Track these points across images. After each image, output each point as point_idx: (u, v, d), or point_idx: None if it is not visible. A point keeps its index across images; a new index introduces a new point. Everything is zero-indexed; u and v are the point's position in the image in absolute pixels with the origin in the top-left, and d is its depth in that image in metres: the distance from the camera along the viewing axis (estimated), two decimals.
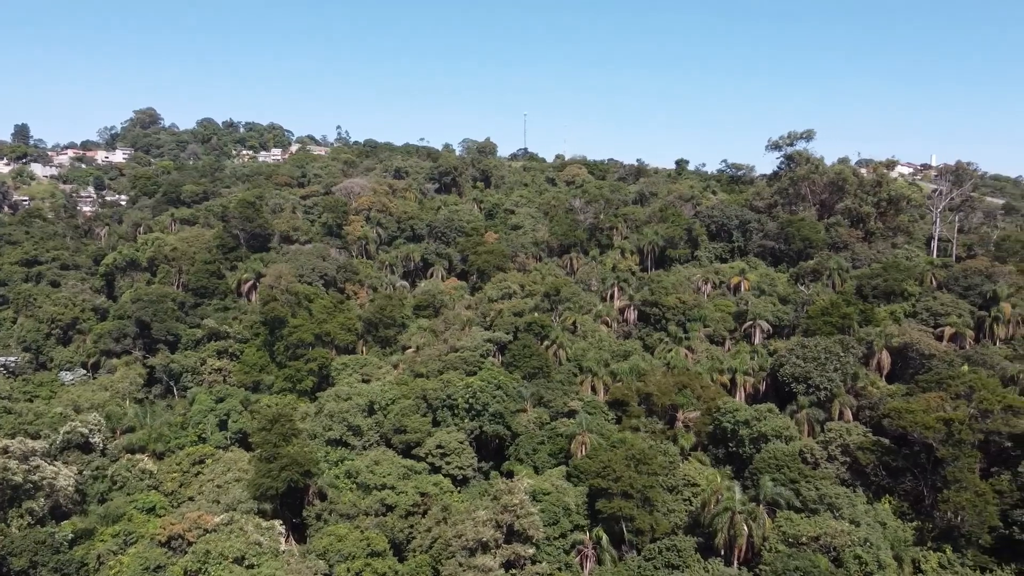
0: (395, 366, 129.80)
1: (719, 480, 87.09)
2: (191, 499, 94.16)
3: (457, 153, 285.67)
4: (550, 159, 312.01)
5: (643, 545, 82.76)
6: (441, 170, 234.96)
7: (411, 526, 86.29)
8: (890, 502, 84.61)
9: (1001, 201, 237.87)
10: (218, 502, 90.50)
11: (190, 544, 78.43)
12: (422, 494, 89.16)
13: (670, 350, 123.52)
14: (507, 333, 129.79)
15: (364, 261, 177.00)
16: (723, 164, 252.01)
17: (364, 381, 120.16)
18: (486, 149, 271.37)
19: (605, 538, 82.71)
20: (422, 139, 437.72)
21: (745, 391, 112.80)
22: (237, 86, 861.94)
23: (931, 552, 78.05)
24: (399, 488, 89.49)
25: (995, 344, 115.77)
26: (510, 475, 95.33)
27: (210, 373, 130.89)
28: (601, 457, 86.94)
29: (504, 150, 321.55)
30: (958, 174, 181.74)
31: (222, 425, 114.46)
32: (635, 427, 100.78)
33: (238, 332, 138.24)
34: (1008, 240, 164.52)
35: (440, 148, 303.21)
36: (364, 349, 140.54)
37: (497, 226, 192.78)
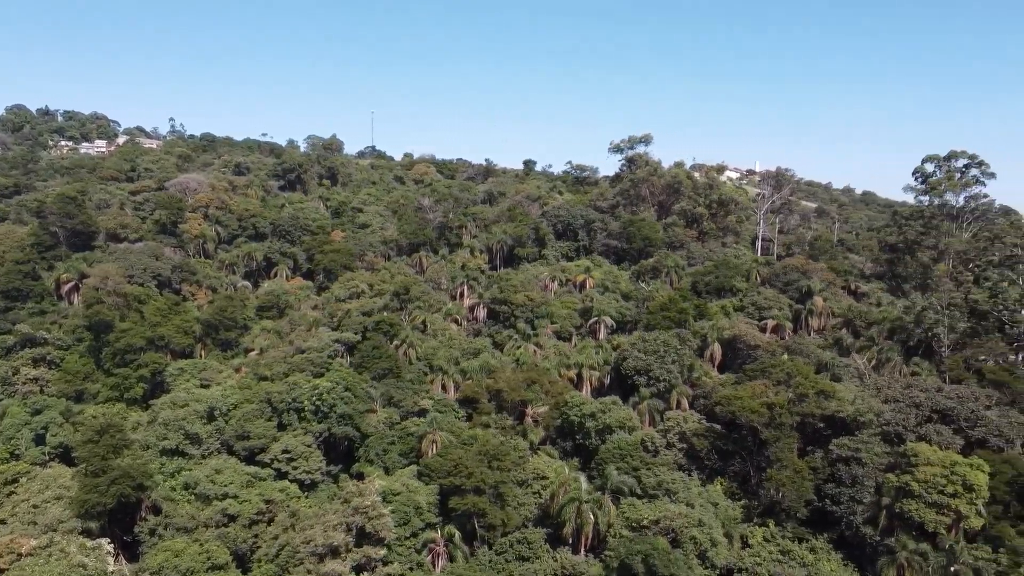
0: (237, 370, 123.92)
1: (567, 472, 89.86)
2: (2, 523, 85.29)
3: (302, 150, 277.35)
4: (398, 157, 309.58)
5: (494, 540, 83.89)
6: (285, 167, 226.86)
7: (256, 535, 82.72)
8: (721, 483, 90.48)
9: (814, 205, 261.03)
10: (35, 523, 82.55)
11: (2, 572, 71.15)
12: (267, 501, 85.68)
13: (519, 347, 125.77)
14: (355, 333, 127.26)
15: (203, 261, 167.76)
16: (569, 165, 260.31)
17: (203, 386, 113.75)
18: (332, 146, 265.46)
19: (457, 535, 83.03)
20: (265, 134, 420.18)
21: (591, 385, 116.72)
22: (55, 72, 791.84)
23: (757, 527, 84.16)
24: (242, 496, 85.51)
25: (810, 334, 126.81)
26: (360, 477, 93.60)
27: (24, 383, 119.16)
28: (452, 455, 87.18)
29: (351, 148, 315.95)
30: (778, 179, 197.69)
31: (39, 440, 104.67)
32: (486, 424, 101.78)
33: (58, 338, 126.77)
34: (820, 240, 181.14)
35: (284, 144, 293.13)
36: (203, 353, 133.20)
37: (344, 225, 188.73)
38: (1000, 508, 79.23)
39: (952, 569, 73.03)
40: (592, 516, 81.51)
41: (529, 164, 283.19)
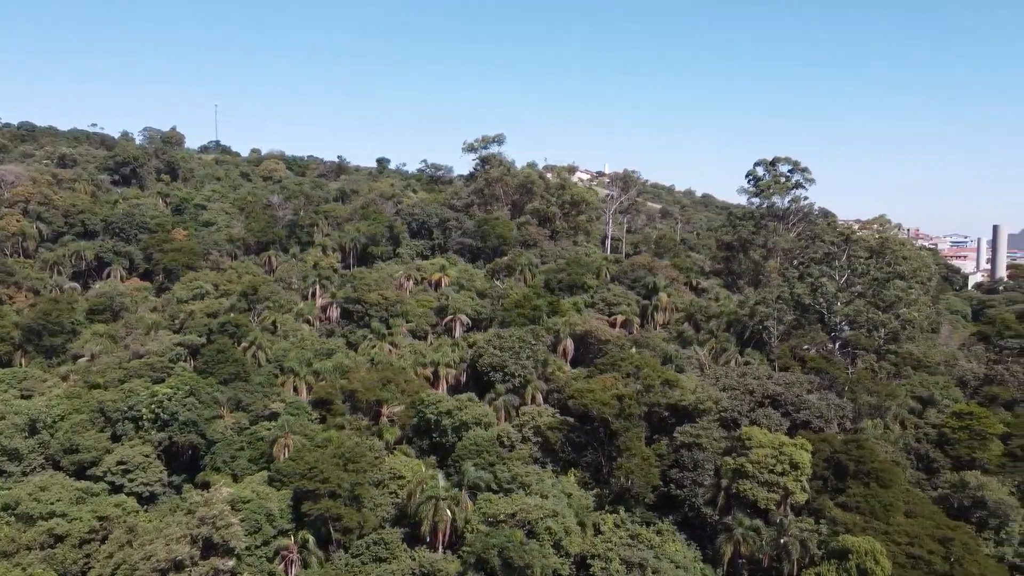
0: (64, 378, 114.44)
1: (424, 470, 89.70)
2: None
3: (138, 143, 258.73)
4: (245, 153, 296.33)
5: (351, 543, 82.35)
6: (119, 160, 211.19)
7: (88, 555, 76.77)
8: (575, 474, 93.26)
9: (659, 206, 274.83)
10: None
11: None
12: (101, 518, 79.67)
13: (374, 346, 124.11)
14: (200, 336, 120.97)
15: (22, 260, 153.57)
16: (423, 164, 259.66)
17: (24, 397, 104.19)
18: (172, 140, 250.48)
19: (311, 540, 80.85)
20: (94, 125, 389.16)
21: (447, 383, 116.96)
22: None
23: (608, 515, 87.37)
24: (72, 514, 79.07)
25: (655, 328, 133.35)
26: (206, 486, 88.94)
27: None
28: (306, 458, 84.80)
29: (193, 142, 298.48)
30: (626, 181, 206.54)
31: None
32: (340, 425, 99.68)
33: None
34: (664, 239, 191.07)
35: (117, 136, 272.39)
36: (24, 361, 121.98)
37: (187, 222, 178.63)
38: (820, 483, 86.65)
39: (782, 541, 79.11)
40: (449, 513, 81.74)
41: (383, 162, 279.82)
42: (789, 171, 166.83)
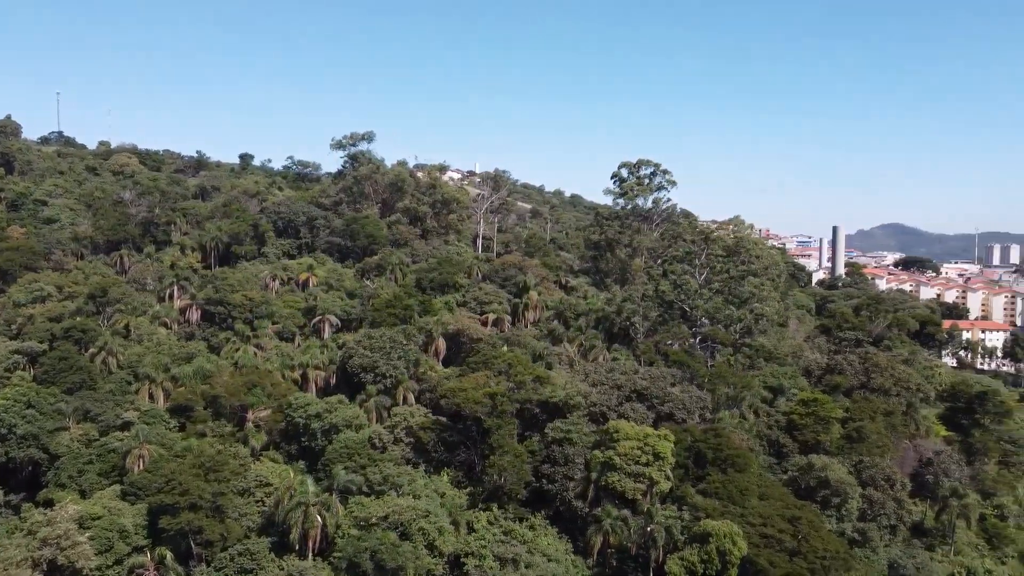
0: None
1: (292, 475, 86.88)
2: None
3: None
4: (93, 146, 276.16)
5: (214, 556, 78.55)
6: None
7: None
8: (448, 474, 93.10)
9: (529, 206, 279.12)
10: None
11: None
12: None
13: (238, 349, 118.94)
14: (41, 342, 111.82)
15: None
16: (289, 161, 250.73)
17: None
18: (7, 129, 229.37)
19: (169, 556, 76.67)
20: None
21: (316, 385, 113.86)
22: None
23: (481, 512, 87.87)
24: None
25: (526, 326, 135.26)
26: (50, 504, 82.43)
27: None
28: (164, 469, 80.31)
29: (31, 132, 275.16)
30: (496, 181, 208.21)
31: None
32: (202, 433, 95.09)
33: None
34: (534, 239, 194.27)
35: None
36: None
37: (25, 219, 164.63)
38: (683, 471, 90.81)
39: (648, 529, 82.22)
40: (320, 518, 79.56)
41: (247, 158, 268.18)
42: (652, 173, 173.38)
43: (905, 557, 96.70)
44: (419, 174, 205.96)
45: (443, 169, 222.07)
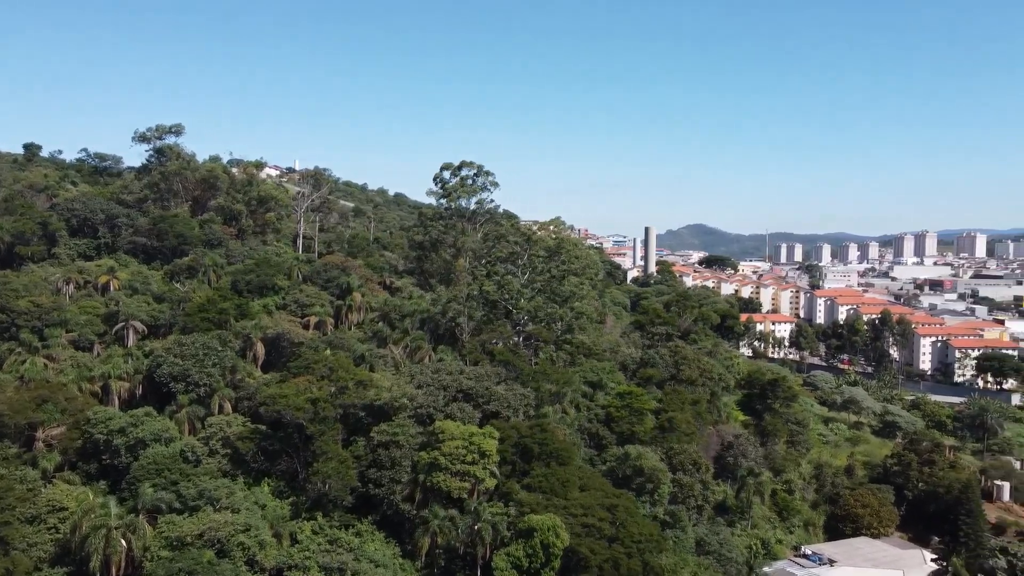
0: None
1: (91, 497, 79.65)
2: None
3: None
4: None
5: None
6: None
7: None
8: (268, 484, 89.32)
9: (352, 205, 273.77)
10: None
11: None
12: None
13: (24, 361, 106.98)
14: None
15: None
16: (84, 153, 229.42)
17: None
18: None
19: None
20: None
21: (120, 397, 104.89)
22: None
23: (305, 522, 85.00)
24: None
25: (350, 328, 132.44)
26: None
27: None
28: None
29: None
30: (317, 179, 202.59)
31: None
32: None
33: None
34: (357, 239, 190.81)
35: None
36: None
37: None
38: (510, 467, 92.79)
39: (475, 527, 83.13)
40: (124, 543, 73.46)
41: (32, 148, 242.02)
42: (474, 175, 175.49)
43: (710, 534, 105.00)
44: (234, 171, 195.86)
45: (260, 166, 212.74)
